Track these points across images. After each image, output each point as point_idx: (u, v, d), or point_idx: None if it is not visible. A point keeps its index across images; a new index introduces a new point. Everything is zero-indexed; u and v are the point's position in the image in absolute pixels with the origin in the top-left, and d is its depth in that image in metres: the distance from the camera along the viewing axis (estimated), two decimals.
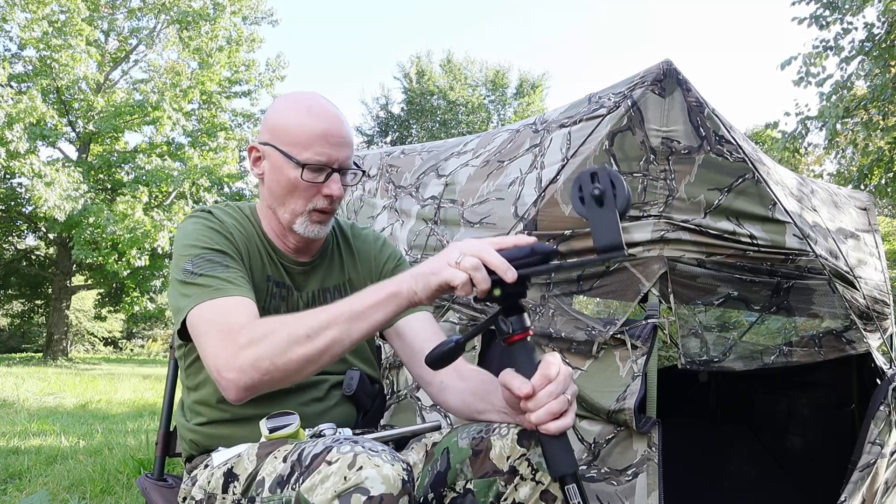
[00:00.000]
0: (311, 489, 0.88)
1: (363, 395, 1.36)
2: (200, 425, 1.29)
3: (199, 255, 1.18)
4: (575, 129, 2.01)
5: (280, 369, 1.00)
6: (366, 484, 0.86)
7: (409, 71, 22.75)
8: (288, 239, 1.33)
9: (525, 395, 0.94)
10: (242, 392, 1.02)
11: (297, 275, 1.35)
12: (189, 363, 1.33)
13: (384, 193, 2.65)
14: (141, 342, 31.83)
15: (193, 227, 1.24)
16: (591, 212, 0.88)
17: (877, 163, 7.61)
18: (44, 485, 3.02)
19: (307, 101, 1.26)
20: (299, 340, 1.00)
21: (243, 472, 1.06)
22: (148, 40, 17.78)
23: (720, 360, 2.10)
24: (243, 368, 1.00)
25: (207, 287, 1.13)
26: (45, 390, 7.89)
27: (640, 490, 1.72)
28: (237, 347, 1.02)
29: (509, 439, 1.09)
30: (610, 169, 0.89)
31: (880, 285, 2.52)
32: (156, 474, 1.52)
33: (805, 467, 3.06)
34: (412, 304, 0.99)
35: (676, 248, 1.89)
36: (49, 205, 13.22)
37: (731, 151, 1.87)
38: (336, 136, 1.24)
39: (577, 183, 0.90)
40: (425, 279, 0.96)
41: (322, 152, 1.22)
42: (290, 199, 1.26)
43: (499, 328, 0.95)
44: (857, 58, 7.20)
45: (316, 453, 0.92)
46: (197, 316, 1.11)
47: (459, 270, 0.92)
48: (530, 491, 1.07)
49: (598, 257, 0.89)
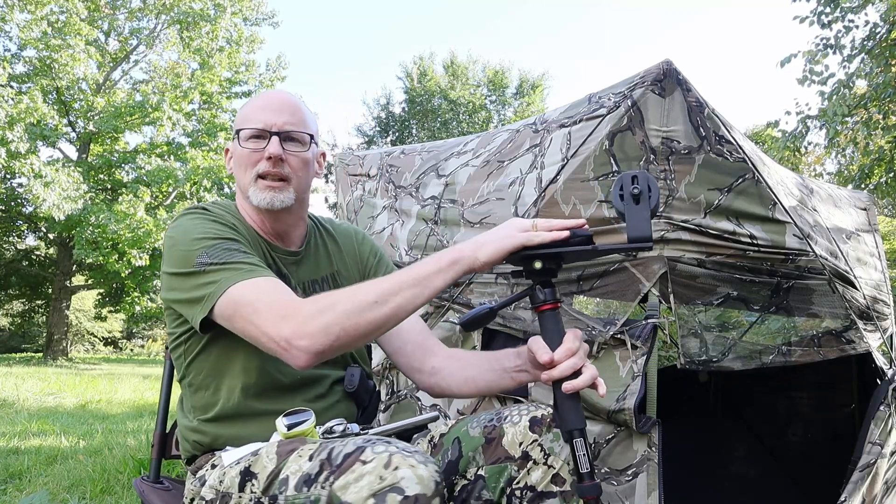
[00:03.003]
0: (345, 487, 0.91)
1: (363, 391, 1.38)
2: (206, 422, 1.28)
3: (214, 245, 1.18)
4: (575, 129, 2.01)
5: (350, 334, 1.04)
6: (401, 484, 0.89)
7: (412, 71, 22.76)
8: (266, 224, 1.34)
9: (546, 363, 1.06)
10: (313, 358, 1.05)
11: (289, 265, 1.36)
12: (191, 360, 1.30)
13: (384, 193, 2.65)
14: (141, 342, 31.85)
15: (194, 222, 1.23)
16: (628, 207, 1.03)
17: (877, 162, 7.61)
18: (44, 485, 3.02)
19: (260, 93, 1.34)
20: (369, 306, 1.03)
21: (262, 470, 1.06)
22: (148, 41, 17.79)
23: (720, 360, 2.10)
24: (314, 335, 1.03)
25: (237, 270, 1.14)
26: (45, 390, 7.89)
27: (640, 490, 1.72)
28: (304, 316, 1.04)
29: (521, 426, 1.16)
30: (648, 174, 1.04)
31: (880, 285, 2.52)
32: (152, 476, 1.48)
33: (805, 467, 3.06)
34: (471, 271, 1.07)
35: (676, 248, 1.89)
36: (47, 205, 13.22)
37: (731, 151, 1.87)
38: (274, 105, 1.30)
39: (619, 182, 1.04)
40: (496, 244, 1.04)
41: (258, 119, 1.28)
42: (241, 174, 1.30)
43: (534, 297, 1.10)
44: (858, 56, 7.19)
45: (348, 453, 0.94)
46: (234, 297, 1.11)
47: (539, 232, 1.04)
48: (542, 474, 1.14)
49: (629, 245, 1.03)
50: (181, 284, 1.19)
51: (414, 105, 22.58)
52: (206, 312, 1.14)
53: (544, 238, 1.04)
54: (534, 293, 1.10)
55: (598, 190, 1.91)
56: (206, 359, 1.28)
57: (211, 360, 1.28)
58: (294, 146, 1.30)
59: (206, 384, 1.29)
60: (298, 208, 1.35)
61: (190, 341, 1.28)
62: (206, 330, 1.19)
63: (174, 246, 1.21)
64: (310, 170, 1.34)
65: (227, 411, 1.26)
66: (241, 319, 1.11)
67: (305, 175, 1.33)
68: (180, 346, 1.31)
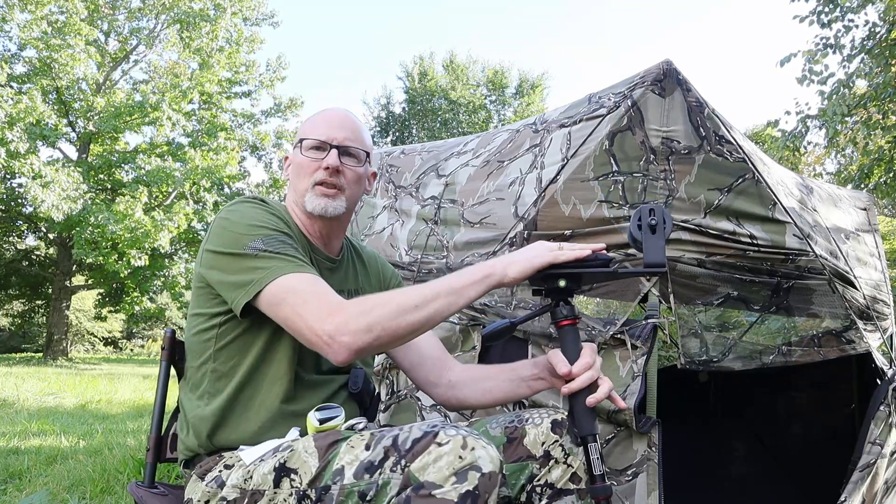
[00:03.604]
0: (423, 469, 0.98)
1: (365, 392, 1.42)
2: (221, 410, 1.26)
3: (271, 235, 1.23)
4: (575, 129, 2.01)
5: (390, 334, 1.11)
6: (479, 462, 0.97)
7: (413, 71, 22.77)
8: (314, 228, 1.39)
9: (565, 375, 1.19)
10: (353, 354, 1.11)
11: (324, 270, 1.39)
12: (224, 344, 1.28)
13: (384, 193, 2.65)
14: (141, 342, 31.85)
15: (254, 210, 1.28)
16: (645, 237, 1.15)
17: (877, 162, 7.61)
18: (44, 485, 3.02)
19: (324, 109, 1.42)
20: (409, 310, 1.11)
21: (303, 465, 1.10)
22: (148, 41, 17.78)
23: (720, 360, 2.10)
24: (357, 332, 1.09)
25: (290, 261, 1.19)
26: (45, 390, 7.89)
27: (640, 490, 1.72)
28: (349, 314, 1.11)
29: (544, 427, 1.24)
30: (664, 208, 1.16)
31: (880, 285, 2.52)
32: (147, 481, 1.41)
33: (805, 467, 3.06)
34: (500, 286, 1.16)
35: (676, 248, 1.89)
36: (47, 205, 13.22)
37: (731, 151, 1.87)
38: (337, 121, 1.38)
39: (638, 214, 1.16)
40: (525, 263, 1.15)
41: (320, 132, 1.36)
42: (299, 180, 1.37)
43: (555, 313, 1.21)
44: (858, 56, 7.19)
45: (417, 438, 1.02)
46: (285, 286, 1.16)
47: (562, 252, 1.15)
48: (561, 473, 1.22)
49: (645, 271, 1.15)
50: (228, 265, 1.22)
51: (414, 105, 22.58)
52: (250, 297, 1.18)
53: (569, 256, 1.15)
54: (555, 310, 1.21)
55: (598, 190, 1.91)
56: (238, 346, 1.28)
57: (244, 350, 1.28)
58: (350, 161, 1.37)
59: (231, 373, 1.28)
60: (345, 219, 1.42)
61: (225, 325, 1.28)
62: (245, 316, 1.22)
63: (227, 227, 1.25)
64: (361, 185, 1.42)
65: (243, 403, 1.27)
66: (287, 308, 1.15)
67: (357, 189, 1.40)
68: (212, 328, 1.29)
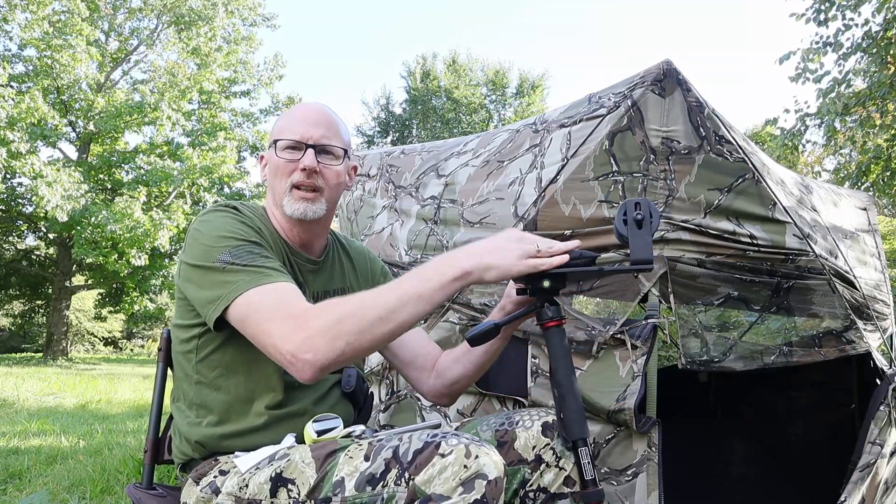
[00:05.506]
0: (428, 481, 0.96)
1: (359, 392, 1.41)
2: (212, 424, 1.26)
3: (238, 246, 1.19)
4: (575, 129, 2.01)
5: (354, 349, 1.06)
6: (484, 470, 0.95)
7: (415, 70, 22.76)
8: (294, 232, 1.36)
9: None
10: (318, 372, 1.06)
11: (306, 273, 1.38)
12: (204, 356, 1.28)
13: (384, 193, 2.65)
14: (141, 342, 31.82)
15: (223, 220, 1.25)
16: (631, 232, 1.08)
17: (874, 160, 7.60)
18: (44, 485, 3.02)
19: (298, 104, 1.38)
20: (374, 323, 1.06)
21: (300, 475, 1.07)
22: (148, 41, 17.78)
23: (720, 360, 2.10)
24: (319, 349, 1.05)
25: (256, 274, 1.15)
26: (45, 390, 7.89)
27: (640, 490, 1.72)
28: (311, 330, 1.06)
29: (534, 431, 1.21)
30: (650, 201, 1.10)
31: (880, 285, 2.52)
32: (145, 483, 1.41)
33: (805, 467, 3.06)
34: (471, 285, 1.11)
35: (676, 248, 1.89)
36: (52, 205, 13.22)
37: (731, 151, 1.87)
38: (311, 118, 1.33)
39: (623, 208, 1.09)
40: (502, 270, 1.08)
41: (295, 130, 1.31)
42: (276, 182, 1.33)
43: (540, 314, 1.15)
44: (854, 54, 7.18)
45: (418, 449, 0.99)
46: (250, 301, 1.12)
47: (545, 258, 1.08)
48: (554, 476, 1.20)
49: (631, 268, 1.08)
50: (200, 279, 1.20)
51: (416, 105, 22.58)
52: (219, 312, 1.16)
53: (548, 265, 1.08)
54: (541, 311, 1.14)
55: (597, 190, 1.91)
56: (219, 358, 1.27)
57: (225, 360, 1.27)
58: (328, 159, 1.33)
59: (216, 384, 1.27)
60: (326, 220, 1.37)
61: (204, 337, 1.27)
62: (220, 329, 1.20)
63: (198, 239, 1.22)
64: (342, 183, 1.37)
65: (236, 413, 1.26)
66: (252, 325, 1.12)
67: (337, 188, 1.36)
68: (192, 339, 1.29)
